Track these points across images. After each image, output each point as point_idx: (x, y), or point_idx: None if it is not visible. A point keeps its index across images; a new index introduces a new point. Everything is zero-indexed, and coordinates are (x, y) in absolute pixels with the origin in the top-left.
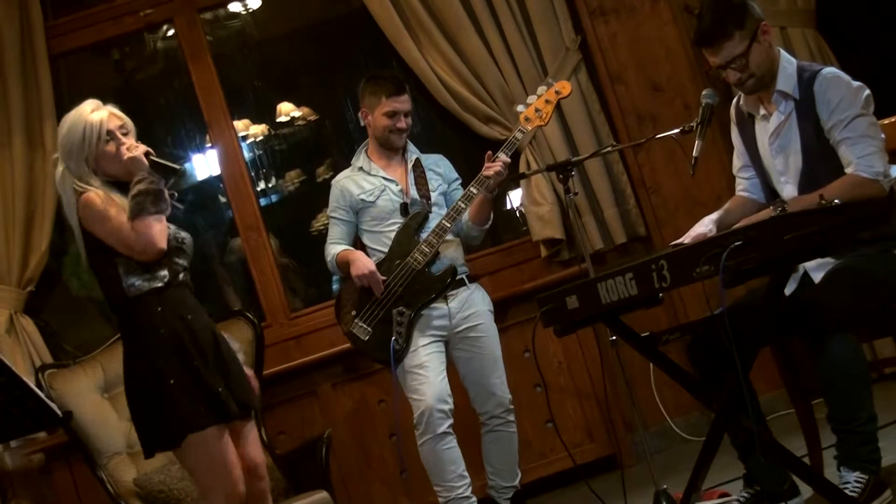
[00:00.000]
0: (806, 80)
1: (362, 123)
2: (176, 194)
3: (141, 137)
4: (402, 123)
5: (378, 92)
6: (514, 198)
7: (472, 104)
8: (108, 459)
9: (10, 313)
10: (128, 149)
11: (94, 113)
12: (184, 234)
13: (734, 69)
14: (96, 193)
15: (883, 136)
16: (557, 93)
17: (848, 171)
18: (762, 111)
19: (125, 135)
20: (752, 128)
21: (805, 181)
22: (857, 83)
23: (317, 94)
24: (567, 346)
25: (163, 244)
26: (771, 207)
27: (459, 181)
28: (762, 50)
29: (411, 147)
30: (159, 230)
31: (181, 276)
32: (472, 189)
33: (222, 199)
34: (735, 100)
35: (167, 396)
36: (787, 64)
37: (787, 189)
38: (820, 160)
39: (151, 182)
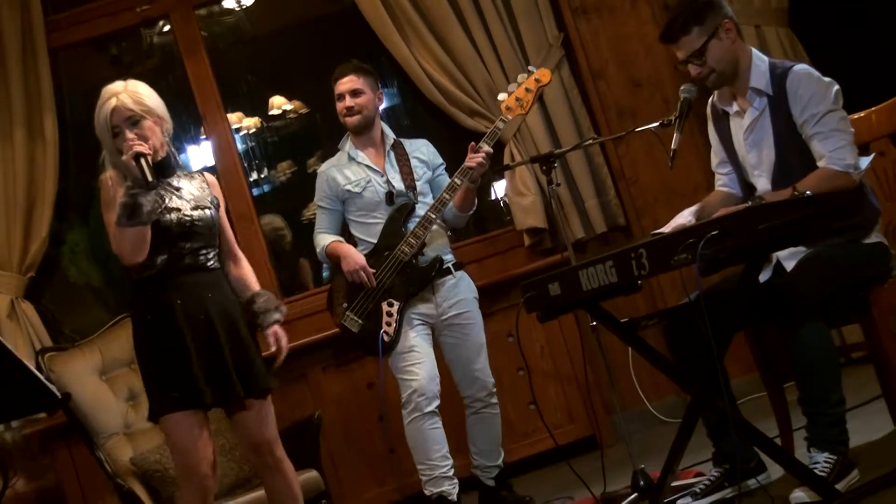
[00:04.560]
0: (778, 77)
1: None
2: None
3: None
4: (347, 101)
5: (333, 82)
6: (499, 188)
7: (458, 98)
8: (105, 439)
9: (12, 298)
10: (129, 148)
11: (104, 106)
12: (197, 214)
13: (693, 64)
14: (111, 177)
15: (853, 129)
16: (537, 80)
17: (820, 164)
18: (735, 108)
19: (136, 123)
20: (726, 124)
21: (778, 174)
22: (827, 79)
23: (308, 89)
24: (549, 331)
25: (134, 257)
26: (749, 201)
27: (444, 166)
28: (722, 46)
29: (387, 131)
30: (132, 243)
31: (187, 259)
32: (455, 180)
33: None
34: (711, 98)
35: (147, 377)
36: (760, 62)
37: (761, 182)
38: (792, 154)
39: (133, 194)
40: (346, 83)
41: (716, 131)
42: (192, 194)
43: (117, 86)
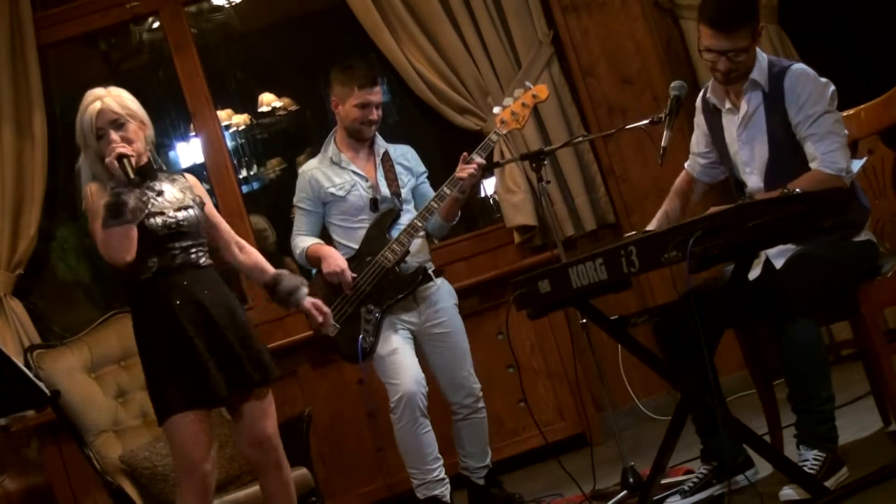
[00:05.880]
0: (776, 74)
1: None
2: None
3: None
4: (374, 115)
5: (349, 82)
6: (489, 186)
7: (448, 96)
8: (94, 437)
9: (0, 296)
10: (112, 150)
11: (88, 109)
12: (182, 216)
13: (730, 58)
14: (93, 189)
15: (847, 132)
16: (535, 97)
17: (812, 166)
18: (728, 105)
19: (120, 126)
20: (718, 119)
21: (770, 172)
22: (823, 79)
23: (297, 86)
24: (539, 328)
25: (123, 256)
26: (740, 200)
27: (426, 174)
28: (754, 49)
29: (379, 139)
30: (119, 242)
31: (178, 259)
32: (445, 189)
33: (206, 186)
34: (702, 92)
35: (151, 378)
36: (760, 58)
37: (752, 179)
38: (785, 152)
39: (116, 193)
40: (376, 95)
41: (706, 124)
42: (174, 196)
43: (99, 90)
